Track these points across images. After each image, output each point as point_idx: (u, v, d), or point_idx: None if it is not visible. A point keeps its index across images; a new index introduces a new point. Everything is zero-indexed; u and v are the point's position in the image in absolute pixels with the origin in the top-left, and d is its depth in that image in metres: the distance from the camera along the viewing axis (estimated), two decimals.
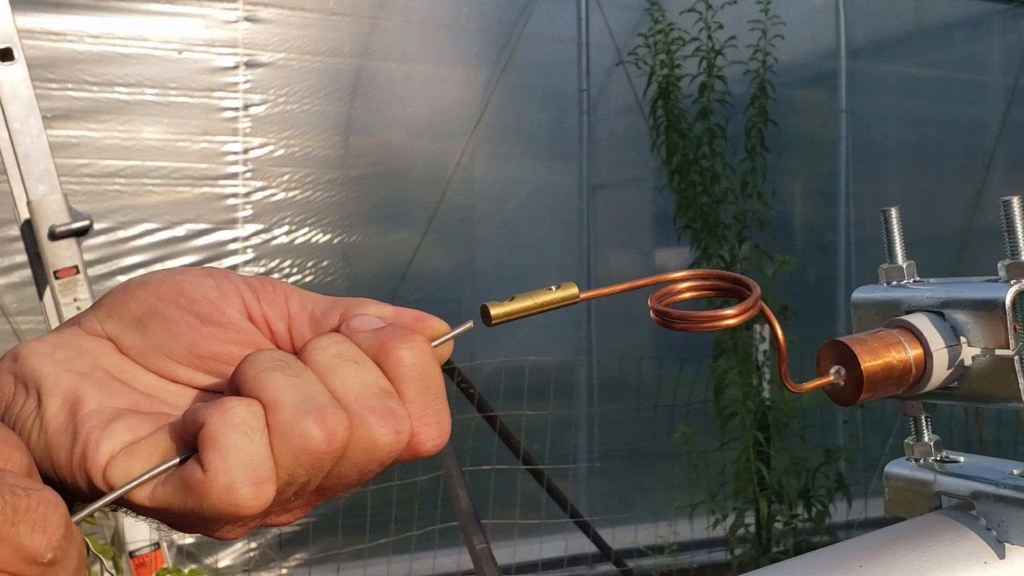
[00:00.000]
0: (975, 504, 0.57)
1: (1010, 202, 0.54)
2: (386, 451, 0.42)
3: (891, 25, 5.79)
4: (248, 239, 4.13)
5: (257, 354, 0.42)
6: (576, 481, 4.58)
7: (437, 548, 3.70)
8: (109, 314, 0.47)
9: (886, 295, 0.60)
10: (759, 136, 3.90)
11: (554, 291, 0.49)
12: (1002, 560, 0.55)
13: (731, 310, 0.51)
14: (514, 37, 4.75)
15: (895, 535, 0.56)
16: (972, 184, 5.84)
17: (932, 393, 0.57)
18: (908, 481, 0.62)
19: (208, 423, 0.40)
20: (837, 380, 0.55)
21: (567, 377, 4.57)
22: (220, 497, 0.39)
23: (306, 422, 0.40)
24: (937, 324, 0.56)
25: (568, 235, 4.80)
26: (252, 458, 0.39)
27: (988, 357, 0.55)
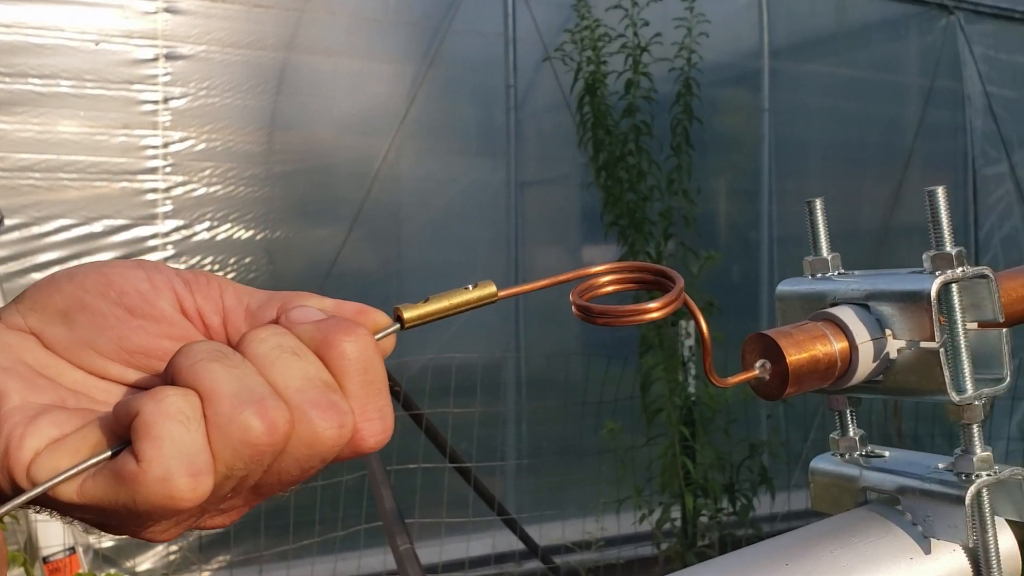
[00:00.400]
0: (901, 499, 0.57)
1: (935, 192, 0.54)
2: (328, 446, 0.40)
3: (813, 26, 5.89)
4: (168, 235, 4.05)
5: (193, 345, 0.40)
6: (504, 478, 4.58)
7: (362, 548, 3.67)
8: (32, 307, 0.45)
9: (811, 288, 0.59)
10: (684, 134, 3.93)
11: (471, 290, 0.48)
12: (928, 555, 0.55)
13: (654, 303, 0.49)
14: (441, 32, 4.72)
15: (821, 532, 0.55)
16: (891, 182, 5.97)
17: (858, 387, 0.57)
18: (834, 476, 0.61)
19: (142, 412, 0.38)
20: (763, 374, 0.54)
21: (495, 374, 4.56)
22: (155, 489, 0.37)
23: (246, 413, 0.38)
24: (862, 317, 0.55)
25: (496, 232, 4.79)
26: (189, 448, 0.38)
27: (913, 350, 0.54)
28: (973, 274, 0.53)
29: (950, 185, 4.89)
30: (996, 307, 0.54)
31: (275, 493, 0.44)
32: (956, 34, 6.12)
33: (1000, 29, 6.33)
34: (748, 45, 5.55)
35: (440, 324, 0.49)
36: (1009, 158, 6.31)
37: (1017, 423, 5.92)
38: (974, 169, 6.22)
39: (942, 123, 6.21)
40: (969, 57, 6.18)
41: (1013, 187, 6.32)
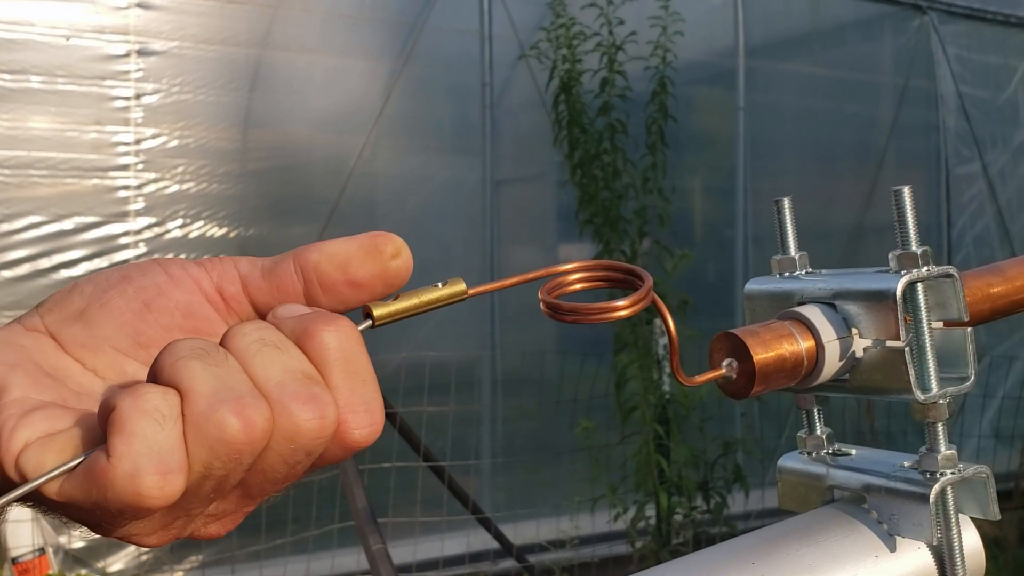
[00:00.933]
0: (867, 498, 0.57)
1: (901, 192, 0.54)
2: (311, 438, 0.40)
3: (787, 25, 5.91)
4: (140, 233, 4.02)
5: (177, 342, 0.40)
6: (479, 477, 4.57)
7: (336, 548, 3.65)
8: (51, 309, 0.46)
9: (778, 286, 0.59)
10: (659, 132, 3.93)
11: (441, 288, 0.48)
12: (893, 553, 0.55)
13: (623, 302, 0.49)
14: (416, 29, 4.71)
15: (787, 530, 0.55)
16: (865, 181, 6.01)
17: (824, 385, 0.57)
18: (801, 475, 0.61)
19: (118, 407, 0.37)
20: (729, 373, 0.54)
21: (470, 373, 4.56)
22: (123, 485, 0.37)
23: (221, 411, 0.38)
24: (829, 316, 0.55)
25: (472, 230, 4.78)
26: (161, 446, 0.37)
27: (879, 349, 0.54)
28: (938, 273, 0.53)
29: (923, 184, 4.95)
30: (961, 306, 0.54)
31: (265, 494, 0.43)
32: (929, 34, 6.17)
33: (973, 29, 6.39)
34: (723, 44, 5.57)
35: (414, 322, 0.49)
36: (981, 157, 6.36)
37: (989, 420, 5.99)
38: (947, 168, 6.27)
39: (915, 122, 6.26)
40: (942, 57, 6.23)
41: (985, 186, 6.38)
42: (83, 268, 3.91)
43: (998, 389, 5.88)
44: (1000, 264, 0.63)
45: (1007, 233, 6.38)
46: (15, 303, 3.79)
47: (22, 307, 3.81)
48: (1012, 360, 5.91)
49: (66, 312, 0.46)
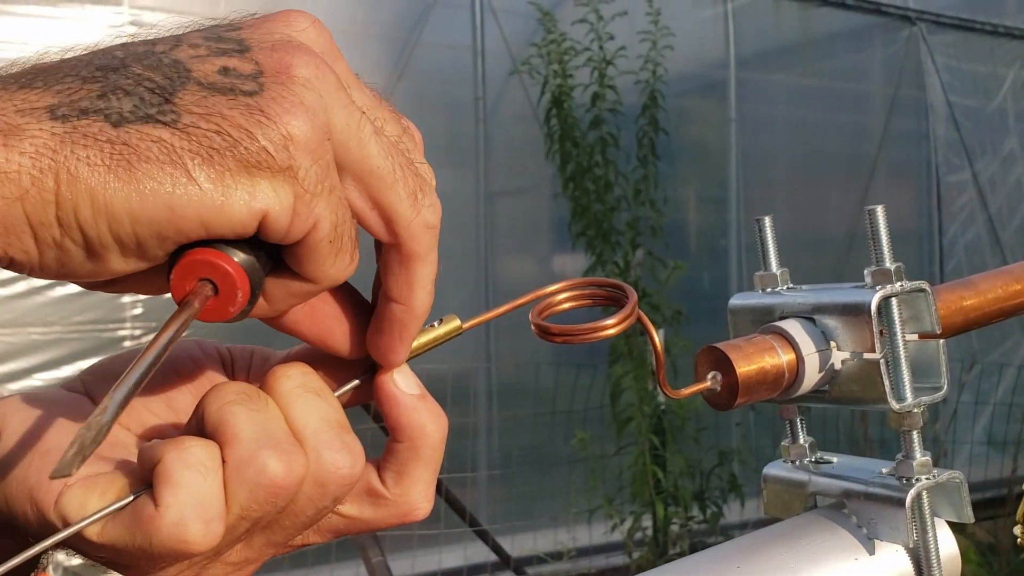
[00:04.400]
0: (847, 503, 0.59)
1: (875, 211, 0.56)
2: (340, 484, 0.43)
3: (778, 37, 5.96)
4: None
5: (222, 386, 0.43)
6: (476, 489, 4.58)
7: (334, 562, 3.66)
8: (92, 373, 0.50)
9: (760, 301, 0.62)
10: (650, 145, 3.97)
11: (437, 327, 0.50)
12: (872, 556, 0.57)
13: (610, 320, 0.51)
14: (410, 45, 4.74)
15: (771, 535, 0.58)
16: (856, 190, 6.05)
17: (805, 396, 0.59)
18: (784, 482, 0.63)
19: (164, 459, 0.40)
20: (714, 385, 0.56)
21: (465, 385, 4.57)
22: (169, 533, 0.39)
23: (263, 455, 0.40)
24: (808, 329, 0.58)
25: (467, 242, 4.81)
26: (204, 496, 0.39)
27: (856, 361, 0.57)
28: (911, 288, 0.56)
29: (914, 192, 4.98)
30: (934, 319, 0.57)
31: (288, 539, 0.45)
32: (919, 44, 6.22)
33: (961, 39, 6.43)
34: (715, 56, 5.61)
35: None
36: (972, 166, 6.41)
37: (982, 427, 6.02)
38: (938, 177, 6.31)
39: (906, 132, 6.30)
40: (932, 67, 6.27)
41: (976, 195, 6.42)
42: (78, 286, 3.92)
43: (991, 396, 5.91)
44: (973, 278, 0.65)
45: (998, 240, 6.42)
46: (11, 320, 3.80)
47: (18, 325, 3.82)
48: (1003, 367, 5.94)
49: (105, 374, 0.49)
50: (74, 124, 0.37)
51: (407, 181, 0.43)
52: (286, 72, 0.40)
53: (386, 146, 0.43)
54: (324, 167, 0.40)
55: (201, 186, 0.37)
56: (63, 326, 3.90)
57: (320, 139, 0.39)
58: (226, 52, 0.40)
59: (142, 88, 0.38)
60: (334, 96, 0.41)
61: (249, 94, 0.39)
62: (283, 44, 0.41)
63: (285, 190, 0.39)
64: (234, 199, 0.38)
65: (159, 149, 0.37)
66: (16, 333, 3.83)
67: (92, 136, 0.37)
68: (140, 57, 0.40)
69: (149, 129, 0.37)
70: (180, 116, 0.38)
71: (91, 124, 0.37)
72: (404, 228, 0.43)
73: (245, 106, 0.38)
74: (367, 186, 0.42)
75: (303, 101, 0.39)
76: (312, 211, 0.40)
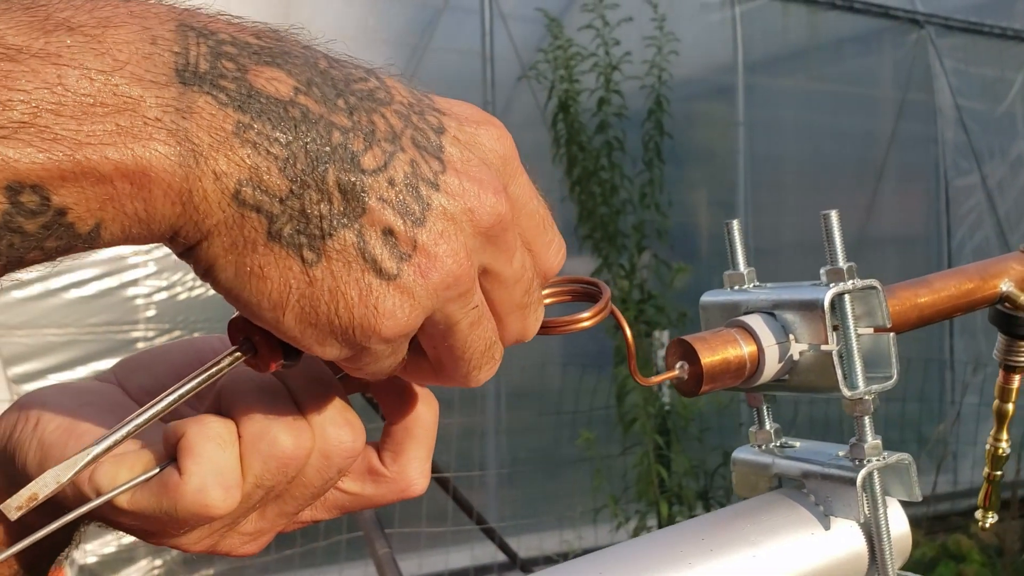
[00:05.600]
0: (806, 483, 0.64)
1: (829, 215, 0.61)
2: (343, 456, 0.48)
3: (786, 41, 5.98)
4: (150, 252, 4.09)
5: (239, 374, 0.48)
6: (484, 490, 4.62)
7: (344, 561, 3.71)
8: (123, 365, 0.56)
9: (728, 298, 0.67)
10: (656, 149, 4.01)
11: None
12: (827, 531, 0.62)
13: (585, 314, 0.56)
14: (419, 50, 4.79)
15: (736, 512, 0.63)
16: (864, 193, 6.06)
17: (767, 385, 0.64)
18: (751, 465, 0.68)
19: (187, 435, 0.45)
20: (681, 374, 0.61)
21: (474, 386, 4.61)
22: (193, 499, 0.44)
23: (274, 430, 0.46)
24: (769, 323, 0.63)
25: None
26: (223, 465, 0.45)
27: (813, 352, 0.62)
28: (863, 286, 0.61)
29: (922, 196, 4.99)
30: (885, 314, 0.62)
31: (298, 509, 0.50)
32: (927, 48, 6.23)
33: (970, 43, 6.44)
34: (723, 60, 5.64)
35: None
36: (980, 169, 6.41)
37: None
38: (946, 180, 6.32)
39: (914, 135, 6.31)
40: (940, 70, 6.28)
41: (984, 198, 6.43)
42: (93, 287, 3.97)
43: None
44: (928, 277, 0.70)
45: (1007, 243, 6.43)
46: (26, 322, 3.85)
47: (33, 326, 3.88)
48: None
49: (135, 367, 0.55)
50: (243, 214, 0.39)
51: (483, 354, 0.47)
52: (435, 267, 0.42)
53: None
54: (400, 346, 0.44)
55: (286, 326, 0.41)
56: (78, 328, 3.96)
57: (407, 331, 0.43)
58: (422, 176, 0.42)
59: (314, 211, 0.40)
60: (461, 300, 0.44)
61: (382, 275, 0.41)
62: (454, 217, 0.43)
63: (358, 364, 0.44)
64: (306, 340, 0.42)
65: (280, 283, 0.40)
66: (32, 334, 3.89)
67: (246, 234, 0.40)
68: (409, 121, 0.43)
69: (287, 259, 0.40)
70: (319, 261, 0.40)
71: (254, 223, 0.40)
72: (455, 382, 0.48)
73: (367, 287, 0.41)
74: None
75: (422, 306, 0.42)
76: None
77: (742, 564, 0.59)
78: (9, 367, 2.89)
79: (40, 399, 0.51)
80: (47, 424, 0.49)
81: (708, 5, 5.58)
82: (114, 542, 3.81)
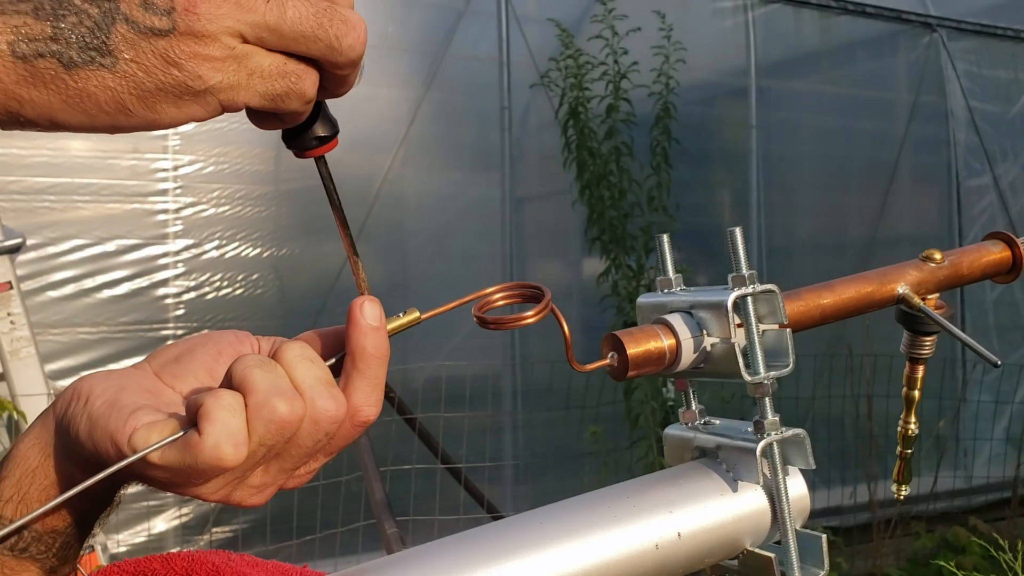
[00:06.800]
0: (719, 453, 0.77)
1: (734, 231, 0.74)
2: (329, 422, 0.61)
3: (799, 44, 6.04)
4: (179, 253, 4.22)
5: (245, 356, 0.61)
6: (501, 484, 4.73)
7: (361, 552, 3.81)
8: (156, 356, 0.69)
9: (657, 300, 0.80)
10: (663, 153, 4.12)
11: (402, 317, 0.68)
12: (735, 493, 0.75)
13: (529, 312, 0.70)
14: (439, 57, 4.90)
15: (659, 478, 0.76)
16: (877, 194, 6.10)
17: (686, 372, 0.77)
18: (678, 439, 0.81)
19: (205, 404, 0.58)
20: (612, 362, 0.75)
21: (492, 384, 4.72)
22: (210, 453, 0.57)
23: (273, 400, 0.58)
24: (687, 321, 0.76)
25: (493, 246, 4.95)
26: (233, 428, 0.57)
27: (722, 344, 0.75)
28: (762, 290, 0.74)
29: (935, 197, 5.05)
30: (781, 313, 0.74)
31: (295, 465, 0.63)
32: (939, 51, 6.27)
33: (982, 45, 6.48)
34: (736, 64, 5.70)
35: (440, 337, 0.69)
36: (992, 170, 6.46)
37: (1003, 427, 6.09)
38: (958, 181, 6.36)
39: (926, 137, 6.34)
40: (952, 73, 6.32)
41: (996, 198, 6.48)
42: (125, 288, 4.10)
43: (1012, 396, 5.99)
44: (832, 282, 0.83)
45: None
46: (61, 321, 3.99)
47: (68, 325, 4.02)
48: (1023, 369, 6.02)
49: (166, 358, 0.68)
50: (33, 65, 0.51)
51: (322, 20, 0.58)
52: (191, 8, 0.53)
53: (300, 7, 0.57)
54: (236, 69, 0.55)
55: (138, 114, 0.55)
56: (109, 326, 4.09)
57: (225, 55, 0.54)
58: None
59: (83, 28, 0.51)
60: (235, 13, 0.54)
61: (164, 34, 0.52)
62: None
63: (210, 101, 0.56)
64: (164, 117, 0.55)
65: (105, 93, 0.53)
66: (65, 333, 4.02)
67: (50, 77, 0.51)
68: None
69: (95, 74, 0.52)
70: (117, 61, 0.52)
71: (48, 66, 0.51)
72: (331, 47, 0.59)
73: (163, 49, 0.52)
74: (296, 42, 0.57)
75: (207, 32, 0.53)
76: (242, 102, 0.57)
77: (661, 520, 0.72)
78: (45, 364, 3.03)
79: (89, 382, 0.64)
80: (94, 402, 0.62)
81: (722, 10, 5.66)
82: (144, 532, 3.95)
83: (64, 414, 0.63)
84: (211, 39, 0.53)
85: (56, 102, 0.52)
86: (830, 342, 4.69)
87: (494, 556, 0.65)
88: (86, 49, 0.52)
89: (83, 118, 0.54)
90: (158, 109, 0.55)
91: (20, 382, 2.87)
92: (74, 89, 0.52)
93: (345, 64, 0.60)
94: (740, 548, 0.75)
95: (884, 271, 0.85)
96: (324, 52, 0.58)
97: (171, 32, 0.53)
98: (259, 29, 0.55)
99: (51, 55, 0.51)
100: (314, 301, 4.49)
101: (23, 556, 0.66)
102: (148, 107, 0.54)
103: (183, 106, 0.55)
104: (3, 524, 0.64)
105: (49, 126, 0.54)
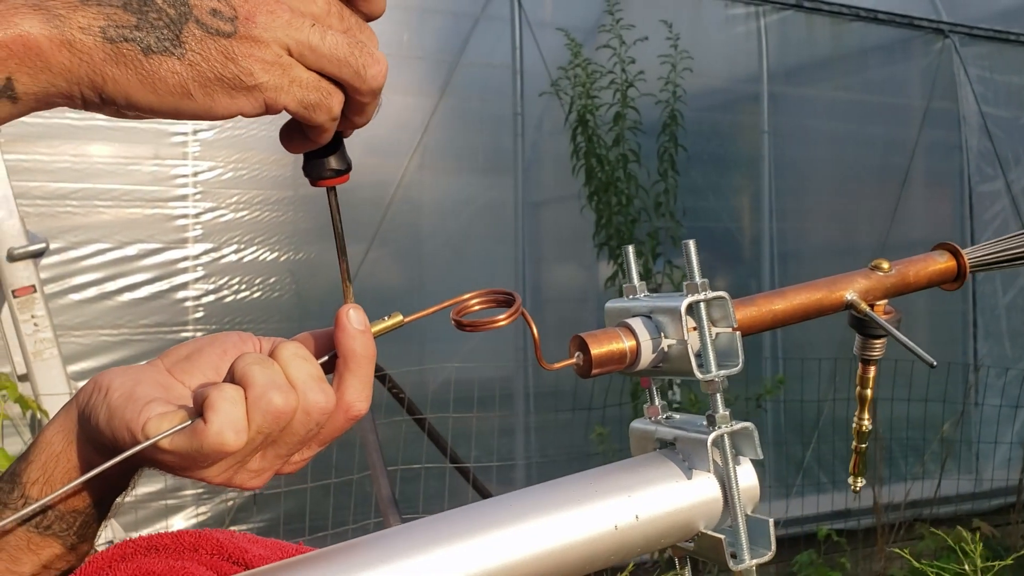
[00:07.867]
0: (677, 445, 0.85)
1: (688, 244, 0.82)
2: (320, 413, 0.68)
3: (811, 50, 6.07)
4: (198, 258, 4.30)
5: (246, 354, 0.69)
6: (513, 485, 4.79)
7: None
8: (168, 355, 0.77)
9: (621, 305, 0.87)
10: (671, 160, 4.19)
11: (386, 321, 0.76)
12: (689, 480, 0.82)
13: (501, 316, 0.77)
14: (453, 64, 4.97)
15: (620, 466, 0.83)
16: (889, 199, 6.12)
17: (646, 371, 0.85)
18: (641, 432, 0.89)
19: (209, 396, 0.65)
20: (578, 361, 0.82)
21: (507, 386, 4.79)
22: (214, 439, 0.64)
23: (271, 393, 0.66)
24: (647, 324, 0.83)
25: (506, 250, 5.00)
26: (234, 416, 0.64)
27: (678, 345, 0.82)
28: (714, 296, 0.81)
29: (947, 202, 5.10)
30: (731, 318, 0.82)
31: (290, 452, 0.71)
32: (951, 56, 6.29)
33: (994, 51, 6.49)
34: (748, 70, 5.74)
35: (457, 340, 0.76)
36: (1004, 175, 6.47)
37: (1017, 431, 6.12)
38: (970, 186, 6.38)
39: (939, 142, 6.35)
40: (964, 78, 6.34)
41: (1008, 203, 6.49)
42: (145, 291, 4.18)
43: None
44: (784, 289, 0.90)
45: None
46: (83, 323, 4.07)
47: (89, 327, 4.10)
48: None
49: (177, 357, 0.75)
50: (119, 47, 0.61)
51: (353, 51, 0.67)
52: (251, 19, 0.63)
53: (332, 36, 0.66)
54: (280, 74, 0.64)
55: (198, 100, 0.64)
56: (130, 328, 4.17)
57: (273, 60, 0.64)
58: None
59: (161, 23, 0.61)
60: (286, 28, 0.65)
61: (227, 35, 0.62)
62: None
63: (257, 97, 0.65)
64: (219, 107, 0.64)
65: (173, 78, 0.62)
66: (87, 335, 4.10)
67: (131, 59, 0.61)
68: None
69: (167, 60, 0.62)
70: (185, 52, 0.62)
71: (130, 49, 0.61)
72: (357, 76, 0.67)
73: (224, 47, 0.62)
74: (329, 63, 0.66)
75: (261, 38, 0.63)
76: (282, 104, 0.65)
77: (620, 504, 0.79)
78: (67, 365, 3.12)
79: (108, 376, 0.72)
80: (113, 394, 0.69)
81: (734, 17, 5.71)
82: (162, 530, 4.04)
83: (86, 405, 0.71)
84: (264, 45, 0.63)
85: (133, 81, 0.62)
86: (840, 346, 4.73)
87: (463, 535, 0.72)
88: (161, 39, 0.61)
89: (153, 98, 0.63)
90: (215, 98, 0.63)
91: (43, 382, 2.95)
92: (148, 71, 0.61)
93: (367, 92, 0.69)
94: (694, 531, 0.82)
95: (834, 279, 0.92)
96: (351, 77, 0.67)
97: (232, 35, 0.63)
98: (302, 46, 0.65)
99: (133, 41, 0.61)
100: (330, 304, 4.55)
101: (47, 533, 0.74)
102: (207, 94, 0.63)
103: (235, 97, 0.64)
104: (30, 503, 0.72)
105: (125, 104, 0.63)
